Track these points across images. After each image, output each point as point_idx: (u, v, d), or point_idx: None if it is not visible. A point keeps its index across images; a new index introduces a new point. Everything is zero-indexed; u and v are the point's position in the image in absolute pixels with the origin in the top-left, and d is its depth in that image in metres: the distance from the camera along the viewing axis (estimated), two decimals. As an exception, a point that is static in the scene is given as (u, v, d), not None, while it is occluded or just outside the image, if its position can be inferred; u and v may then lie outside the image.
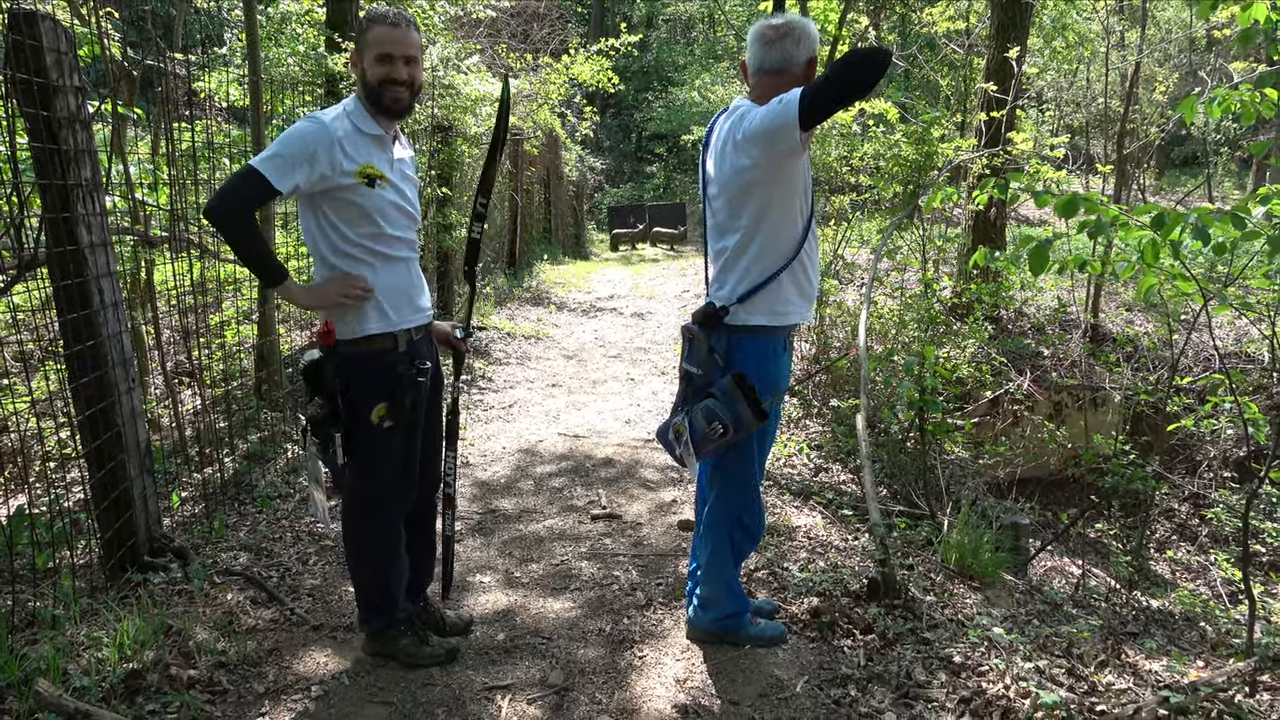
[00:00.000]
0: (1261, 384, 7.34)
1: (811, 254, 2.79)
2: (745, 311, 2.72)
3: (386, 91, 2.55)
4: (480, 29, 12.37)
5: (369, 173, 2.53)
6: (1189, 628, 4.16)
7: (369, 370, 2.62)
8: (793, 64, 2.59)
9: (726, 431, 2.67)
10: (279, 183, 2.44)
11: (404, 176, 2.70)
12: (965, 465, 6.11)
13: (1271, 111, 3.56)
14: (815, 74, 2.59)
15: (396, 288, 2.66)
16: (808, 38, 2.59)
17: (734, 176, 2.64)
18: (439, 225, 7.89)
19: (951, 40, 12.43)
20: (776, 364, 2.81)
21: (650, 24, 31.84)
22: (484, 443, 5.47)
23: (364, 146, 2.56)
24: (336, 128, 2.51)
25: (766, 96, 2.57)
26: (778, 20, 2.65)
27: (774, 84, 2.60)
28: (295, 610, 3.23)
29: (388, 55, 2.52)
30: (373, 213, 2.57)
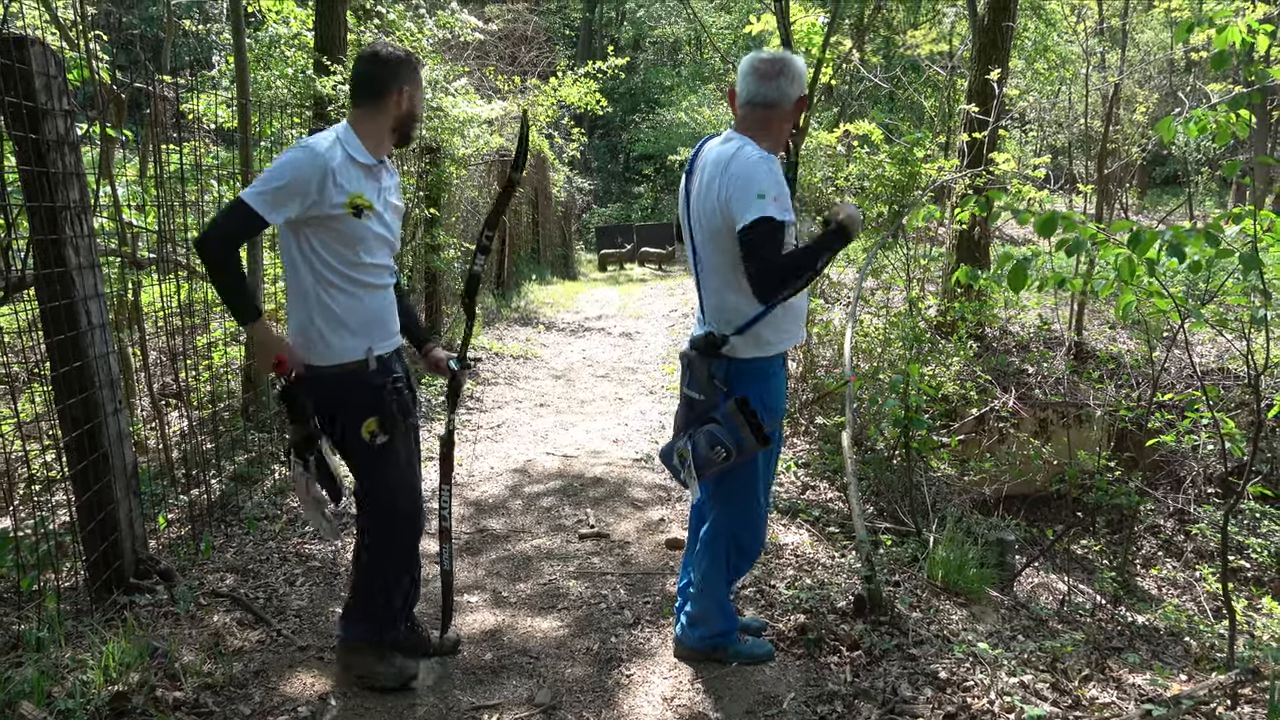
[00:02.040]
0: (1243, 400, 7.41)
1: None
2: (743, 344, 2.75)
3: (409, 138, 2.71)
4: (468, 51, 12.46)
5: (358, 203, 2.53)
6: (1173, 642, 4.19)
7: (347, 390, 2.63)
8: (785, 101, 2.66)
9: (730, 456, 2.70)
10: (270, 215, 2.45)
11: (389, 204, 2.71)
12: (951, 482, 6.14)
13: (1245, 131, 3.63)
14: (799, 110, 2.71)
15: (371, 315, 2.66)
16: (800, 77, 2.68)
17: (717, 222, 2.66)
18: (427, 246, 7.91)
19: (935, 62, 12.60)
20: (775, 385, 2.84)
21: (638, 46, 32.09)
22: (472, 463, 5.47)
23: (355, 176, 2.56)
24: (331, 157, 2.50)
25: (754, 129, 2.67)
26: (772, 56, 2.71)
27: (764, 118, 2.69)
28: (282, 631, 3.22)
29: (419, 113, 2.70)
30: (355, 242, 2.57)
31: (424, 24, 8.10)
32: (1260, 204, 3.42)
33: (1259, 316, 3.38)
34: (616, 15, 33.79)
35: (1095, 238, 3.17)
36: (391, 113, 2.63)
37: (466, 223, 10.11)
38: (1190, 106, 4.63)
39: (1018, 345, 8.62)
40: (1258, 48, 3.49)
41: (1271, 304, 3.49)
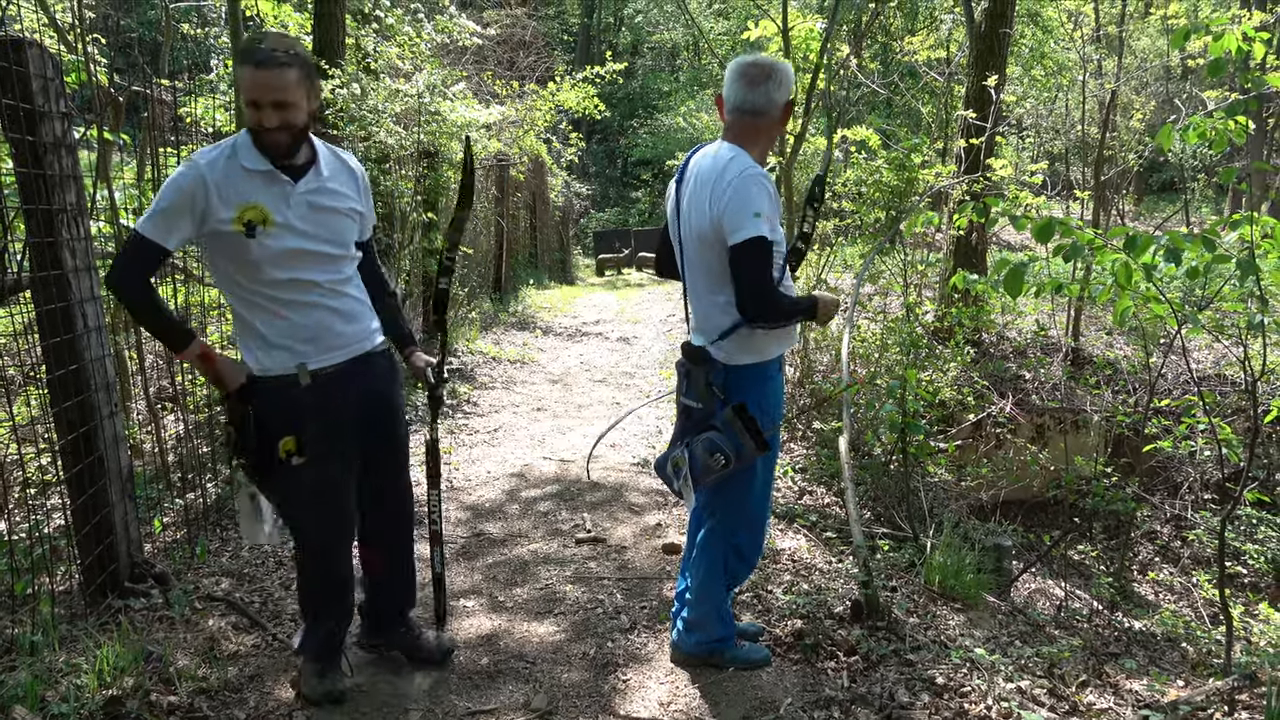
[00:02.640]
0: (1240, 406, 7.42)
1: (788, 281, 2.81)
2: (728, 350, 2.74)
3: (262, 136, 2.36)
4: (466, 56, 12.47)
5: (248, 217, 2.35)
6: (1170, 648, 4.19)
7: (269, 401, 2.49)
8: (773, 107, 2.66)
9: (729, 463, 2.69)
10: (166, 241, 2.33)
11: (316, 208, 2.48)
12: (948, 488, 6.14)
13: (1243, 138, 3.64)
14: (786, 116, 2.71)
15: (302, 331, 2.47)
16: (788, 81, 2.66)
17: (707, 233, 2.66)
18: (425, 250, 7.91)
19: (932, 68, 12.62)
20: (773, 389, 2.83)
21: (636, 52, 32.16)
22: (469, 467, 5.46)
23: (247, 185, 2.38)
24: (210, 172, 2.35)
25: (743, 136, 2.68)
26: (760, 60, 2.68)
27: (752, 124, 2.69)
28: (277, 636, 3.21)
29: (254, 101, 2.32)
30: (261, 263, 2.40)
31: (422, 28, 8.11)
32: (1257, 210, 3.42)
33: (1256, 322, 3.39)
34: (615, 21, 33.87)
35: (1093, 243, 3.18)
36: None
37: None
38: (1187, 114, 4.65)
39: (1015, 351, 8.63)
40: (1253, 55, 3.50)
41: (1268, 310, 3.50)
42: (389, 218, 7.38)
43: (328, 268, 2.52)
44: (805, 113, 7.85)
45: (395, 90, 7.02)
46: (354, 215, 2.60)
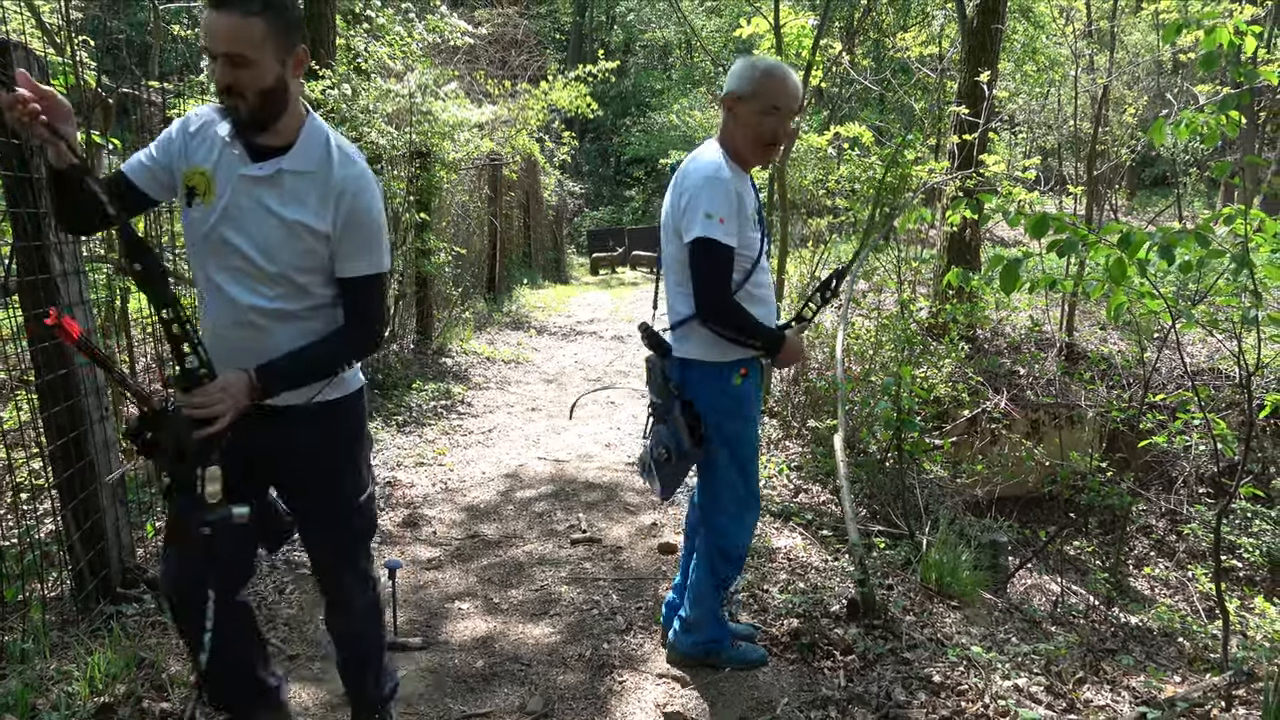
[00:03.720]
0: (1235, 400, 7.43)
1: (756, 292, 2.75)
2: (680, 342, 2.76)
3: (221, 97, 1.93)
4: (458, 56, 12.44)
5: (192, 183, 2.00)
6: (1167, 643, 4.18)
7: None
8: (727, 97, 2.67)
9: (670, 458, 2.75)
10: (128, 167, 2.03)
11: (254, 201, 1.98)
12: (943, 484, 6.14)
13: (1235, 132, 3.63)
14: (737, 109, 2.63)
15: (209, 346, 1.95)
16: (733, 77, 2.66)
17: (671, 227, 2.72)
18: (418, 250, 7.88)
19: (925, 64, 12.61)
20: (729, 396, 2.76)
21: (628, 50, 32.12)
22: (464, 468, 5.45)
23: (211, 147, 2.01)
24: (195, 120, 2.04)
25: (723, 129, 2.72)
26: (744, 57, 2.77)
27: (725, 117, 2.73)
28: (271, 640, 3.19)
29: (207, 50, 1.89)
30: (191, 242, 2.05)
31: (413, 28, 8.07)
32: (1249, 204, 3.42)
33: (1250, 317, 3.39)
34: (607, 19, 33.83)
35: (1086, 239, 3.17)
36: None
37: (457, 227, 10.08)
38: (1178, 108, 4.65)
39: (1009, 346, 8.63)
40: (1245, 49, 3.50)
41: (1262, 304, 3.49)
42: (381, 218, 7.34)
43: (253, 286, 2.00)
44: (799, 109, 7.84)
45: (387, 90, 6.98)
46: (301, 232, 1.99)
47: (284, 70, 1.94)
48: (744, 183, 2.68)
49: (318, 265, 2.04)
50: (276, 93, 1.94)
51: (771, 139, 2.62)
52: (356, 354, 2.15)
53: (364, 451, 2.32)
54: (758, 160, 2.71)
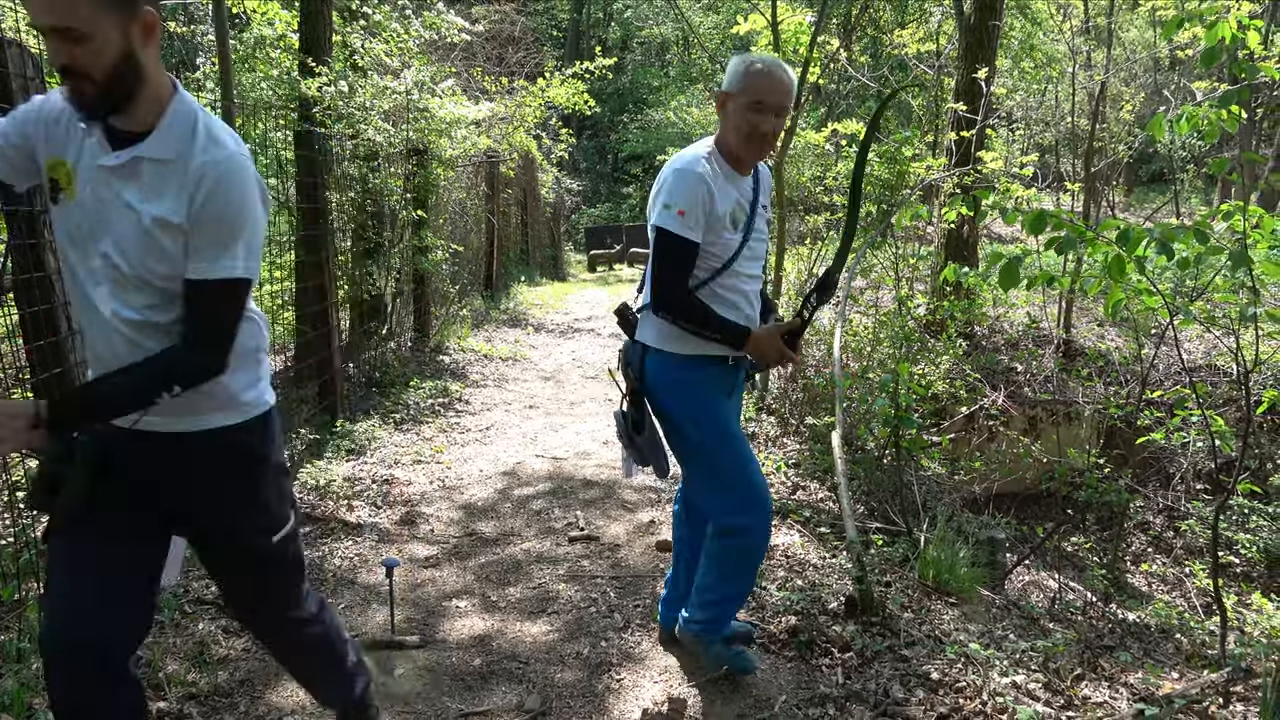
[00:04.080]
0: (1232, 397, 7.43)
1: (724, 293, 2.66)
2: (641, 327, 2.75)
3: (61, 80, 1.66)
4: (455, 53, 12.41)
5: (54, 174, 1.75)
6: (1165, 639, 4.18)
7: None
8: (720, 94, 2.64)
9: (622, 438, 2.83)
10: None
11: (115, 197, 1.71)
12: (941, 481, 6.14)
13: (1235, 127, 3.63)
14: (727, 105, 2.58)
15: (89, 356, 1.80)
16: (726, 75, 2.63)
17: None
18: (415, 248, 7.87)
19: (922, 61, 12.59)
20: (681, 386, 2.70)
21: (625, 47, 32.09)
22: (461, 466, 5.44)
23: (71, 133, 1.74)
24: (57, 99, 1.75)
25: (720, 124, 2.69)
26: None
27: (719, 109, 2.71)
28: (268, 639, 3.19)
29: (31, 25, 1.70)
30: (55, 234, 1.81)
31: (410, 25, 8.06)
32: (1247, 200, 3.42)
33: (1248, 313, 3.39)
34: (604, 16, 33.79)
35: (1084, 236, 3.16)
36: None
37: (454, 224, 10.07)
38: (1176, 104, 4.65)
39: (1007, 343, 8.63)
40: (1247, 44, 3.49)
41: (1260, 301, 3.49)
42: (379, 215, 7.33)
43: (120, 294, 1.74)
44: (796, 106, 7.83)
45: (383, 87, 6.97)
46: (160, 230, 1.70)
47: (129, 41, 1.63)
48: (732, 181, 2.63)
49: (165, 262, 1.72)
50: (124, 69, 1.64)
51: (754, 133, 2.54)
52: (188, 379, 1.74)
53: (273, 485, 1.99)
54: (748, 156, 2.62)
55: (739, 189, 2.65)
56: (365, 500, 4.70)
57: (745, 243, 2.65)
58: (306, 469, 4.94)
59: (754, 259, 2.72)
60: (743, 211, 2.65)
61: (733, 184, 2.63)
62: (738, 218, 2.63)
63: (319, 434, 5.53)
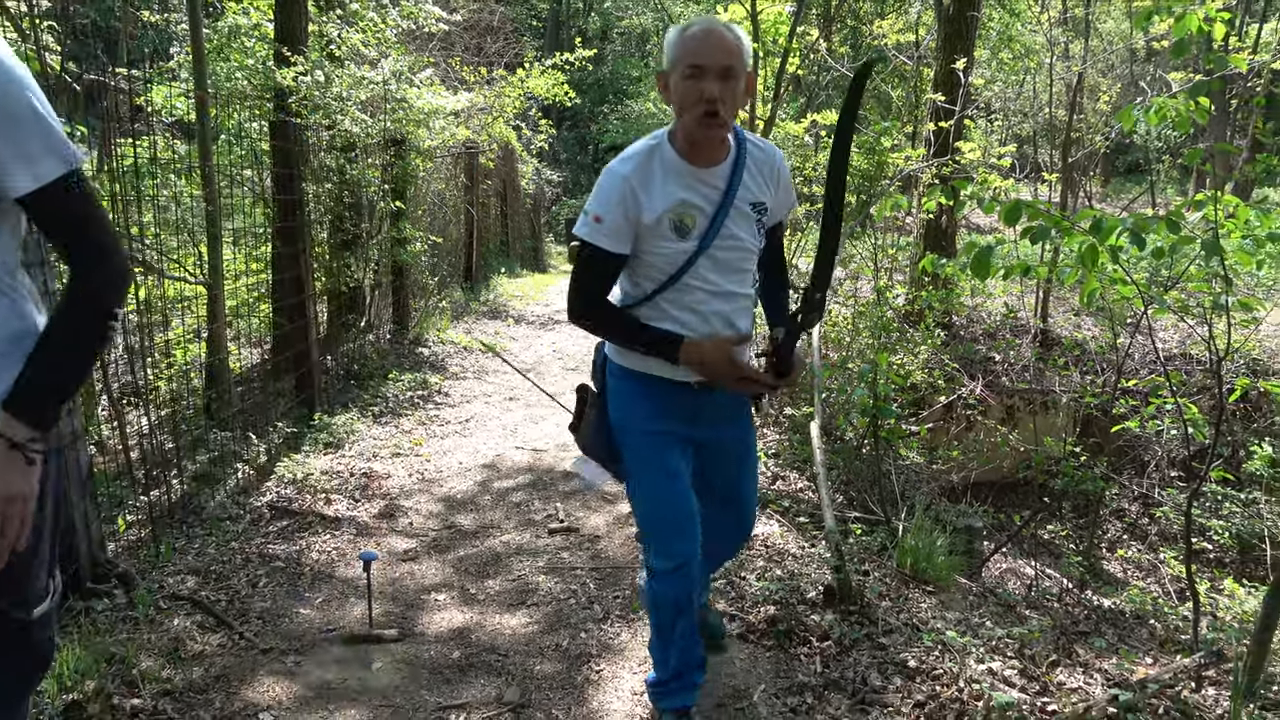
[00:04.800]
0: (1205, 385, 7.52)
1: (670, 308, 2.30)
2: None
3: None
4: (433, 43, 12.32)
5: None
6: (1139, 625, 4.24)
7: None
8: (660, 77, 2.26)
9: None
10: None
11: None
12: (920, 470, 6.18)
13: (1205, 118, 3.66)
14: (669, 85, 2.17)
15: None
16: (664, 52, 2.22)
17: None
18: (393, 239, 7.82)
19: (901, 52, 12.63)
20: (628, 414, 2.41)
21: (605, 37, 31.97)
22: (441, 458, 5.42)
23: None
24: None
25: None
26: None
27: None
28: (244, 634, 3.16)
29: None
30: None
31: (387, 14, 7.98)
32: (1220, 190, 3.45)
33: (1220, 302, 3.42)
34: (584, 6, 33.64)
35: (1059, 225, 3.18)
36: None
37: (433, 215, 10.01)
38: (1152, 95, 4.68)
39: (985, 333, 8.69)
40: (1215, 35, 3.52)
41: (1232, 289, 3.53)
42: (357, 207, 7.28)
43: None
44: (775, 96, 7.83)
45: (360, 77, 6.91)
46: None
47: None
48: (686, 178, 2.22)
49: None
50: None
51: (696, 103, 2.09)
52: (110, 301, 1.52)
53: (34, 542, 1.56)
54: (700, 136, 2.16)
55: (699, 185, 2.23)
56: (343, 494, 4.68)
57: (703, 251, 2.24)
58: (284, 462, 4.90)
59: (724, 270, 2.29)
60: (698, 213, 2.23)
61: (685, 180, 2.22)
62: (686, 221, 2.22)
63: (296, 427, 5.49)
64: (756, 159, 2.31)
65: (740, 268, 2.32)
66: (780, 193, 2.38)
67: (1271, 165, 3.98)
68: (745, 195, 2.27)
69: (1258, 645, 2.70)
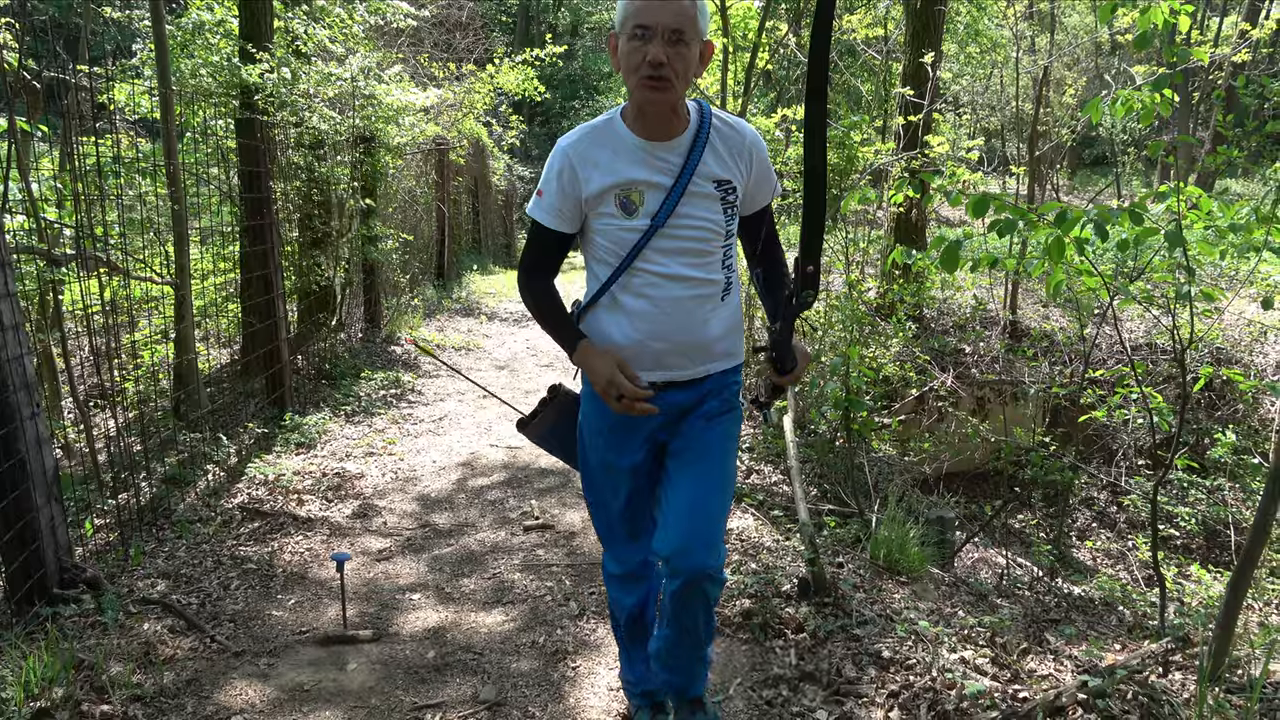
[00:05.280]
0: (1170, 374, 7.63)
1: (626, 298, 2.14)
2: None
3: None
4: (402, 38, 12.22)
5: None
6: (1108, 612, 4.30)
7: None
8: (610, 43, 2.12)
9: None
10: None
11: None
12: (892, 462, 6.22)
13: (1169, 111, 3.71)
14: (618, 45, 2.00)
15: None
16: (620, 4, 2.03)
17: None
18: (364, 237, 7.76)
19: (870, 46, 12.70)
20: (587, 410, 2.35)
21: (575, 33, 31.87)
22: (414, 457, 5.39)
23: None
24: None
25: None
26: None
27: None
28: (216, 638, 3.13)
29: None
30: None
31: (354, 10, 7.91)
32: (1184, 182, 3.50)
33: (1184, 292, 3.47)
34: (554, 1, 33.50)
35: (1026, 218, 3.22)
36: None
37: (404, 213, 9.94)
38: (1116, 88, 4.74)
39: (955, 325, 8.77)
40: (1180, 28, 3.56)
41: (1195, 280, 3.58)
42: (326, 204, 7.21)
43: None
44: (745, 91, 7.85)
45: (328, 74, 6.84)
46: None
47: None
48: (637, 152, 2.06)
49: None
50: None
51: (639, 65, 1.93)
52: None
53: None
54: (648, 103, 1.99)
55: (650, 160, 2.06)
56: (316, 494, 4.64)
57: (656, 229, 2.06)
58: (255, 463, 4.85)
59: (680, 253, 2.10)
60: (649, 189, 2.06)
61: (636, 155, 2.06)
62: (634, 199, 2.06)
63: (267, 428, 5.44)
64: (723, 134, 2.12)
65: (700, 250, 2.12)
66: (756, 173, 2.17)
67: (1233, 157, 4.04)
68: (706, 172, 2.08)
69: (1222, 630, 2.75)
